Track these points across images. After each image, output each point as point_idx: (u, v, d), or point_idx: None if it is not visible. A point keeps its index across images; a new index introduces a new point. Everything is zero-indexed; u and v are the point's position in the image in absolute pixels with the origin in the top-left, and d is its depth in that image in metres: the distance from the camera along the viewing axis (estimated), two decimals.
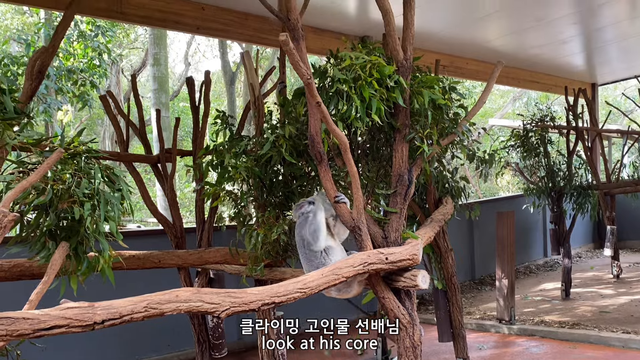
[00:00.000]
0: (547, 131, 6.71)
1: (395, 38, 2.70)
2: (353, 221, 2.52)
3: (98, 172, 2.11)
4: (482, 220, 6.20)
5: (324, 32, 5.43)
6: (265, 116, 3.66)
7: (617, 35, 6.55)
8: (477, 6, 5.31)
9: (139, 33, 16.33)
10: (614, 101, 14.96)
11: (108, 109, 4.22)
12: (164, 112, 9.37)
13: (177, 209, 4.30)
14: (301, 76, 2.20)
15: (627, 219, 9.33)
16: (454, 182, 4.00)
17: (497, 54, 6.79)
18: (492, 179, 6.81)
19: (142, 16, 4.31)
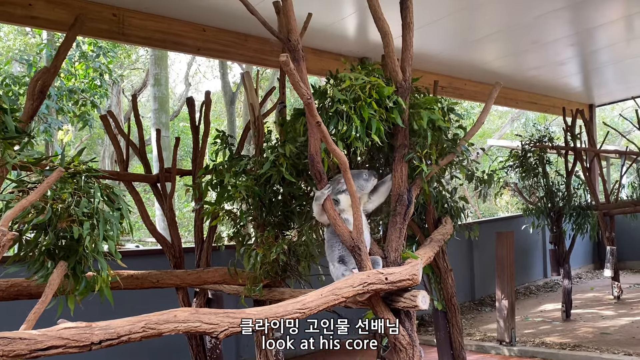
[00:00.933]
0: (545, 151, 6.74)
1: (394, 59, 2.72)
2: (352, 241, 2.52)
3: (98, 191, 2.12)
4: (482, 240, 6.19)
5: (324, 53, 5.49)
6: (265, 136, 3.67)
7: (613, 57, 6.61)
8: (475, 28, 5.38)
9: (140, 54, 16.48)
10: (611, 122, 15.06)
11: (108, 129, 4.24)
12: (164, 132, 9.41)
13: (176, 229, 4.29)
14: (301, 96, 2.21)
15: (626, 239, 9.31)
16: (453, 202, 4.00)
17: (495, 75, 6.85)
18: (491, 199, 6.81)
19: (143, 37, 4.36)
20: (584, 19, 5.14)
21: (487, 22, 5.25)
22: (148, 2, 4.15)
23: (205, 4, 4.26)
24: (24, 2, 3.78)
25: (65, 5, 3.93)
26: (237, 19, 4.51)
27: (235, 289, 3.65)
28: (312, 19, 3.28)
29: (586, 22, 5.26)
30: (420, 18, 3.56)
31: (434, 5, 4.57)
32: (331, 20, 4.72)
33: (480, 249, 7.83)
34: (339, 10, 4.57)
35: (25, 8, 3.79)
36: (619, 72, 7.51)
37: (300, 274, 3.30)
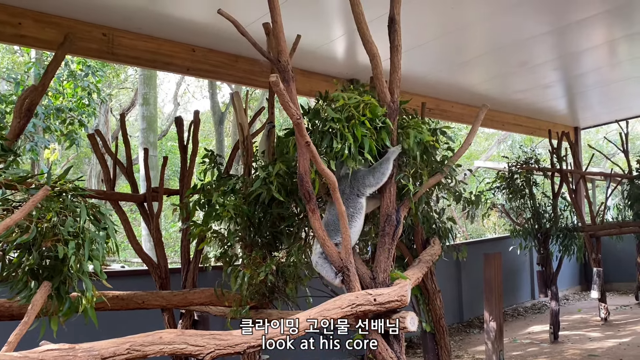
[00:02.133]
0: (532, 173, 6.80)
1: (383, 81, 2.75)
2: (341, 261, 2.51)
3: (84, 211, 2.09)
4: (469, 261, 6.19)
5: (313, 74, 5.53)
6: (254, 155, 3.67)
7: (597, 80, 6.74)
8: (461, 51, 5.46)
9: (129, 73, 16.48)
10: (596, 144, 15.27)
11: (96, 148, 4.22)
12: (152, 151, 9.38)
13: (162, 249, 4.25)
14: (291, 116, 2.22)
15: (612, 261, 9.38)
16: (442, 222, 4.01)
17: (481, 97, 6.94)
18: (479, 220, 6.84)
19: (132, 57, 4.37)
20: (569, 43, 5.25)
21: (473, 46, 5.33)
22: (138, 22, 4.17)
23: (195, 25, 4.28)
24: (13, 21, 3.78)
25: (54, 25, 3.93)
26: (226, 40, 4.54)
27: (221, 311, 3.60)
28: (301, 41, 3.31)
29: (571, 47, 5.36)
30: (407, 41, 3.61)
31: (421, 28, 4.65)
32: (320, 42, 4.77)
33: (468, 270, 7.83)
34: (328, 33, 4.62)
35: (14, 27, 3.79)
36: (604, 96, 7.64)
37: (287, 296, 3.27)
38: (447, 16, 4.47)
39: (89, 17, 4.04)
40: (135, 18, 4.09)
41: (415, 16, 4.25)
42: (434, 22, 4.57)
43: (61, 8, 3.87)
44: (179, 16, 4.12)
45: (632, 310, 8.12)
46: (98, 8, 3.89)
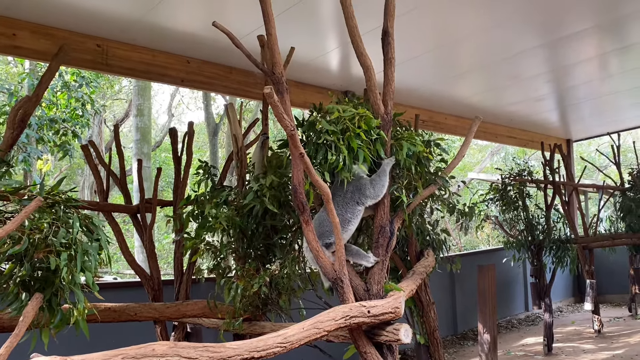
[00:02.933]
0: (525, 185, 6.83)
1: (376, 93, 2.77)
2: (335, 273, 2.50)
3: (76, 222, 2.08)
4: (463, 273, 6.19)
5: (307, 86, 5.55)
6: (248, 167, 3.67)
7: (589, 93, 6.79)
8: (455, 64, 5.50)
9: (123, 84, 16.49)
10: (588, 157, 15.37)
11: (89, 159, 4.20)
12: (146, 163, 9.35)
13: (155, 261, 4.22)
14: (285, 128, 2.23)
15: (605, 273, 9.40)
16: (435, 234, 4.02)
17: (474, 109, 6.98)
18: (473, 232, 6.86)
19: (127, 68, 4.37)
20: (561, 56, 5.30)
21: (467, 59, 5.37)
22: (133, 34, 4.18)
23: (190, 37, 4.30)
24: (7, 32, 3.78)
25: (49, 36, 3.94)
26: (221, 51, 4.56)
27: (214, 323, 3.58)
28: (296, 54, 3.33)
29: (563, 60, 5.42)
30: (401, 54, 3.64)
31: (415, 41, 4.68)
32: (314, 54, 4.79)
33: (462, 282, 7.83)
34: (322, 45, 4.65)
35: (9, 38, 3.79)
36: (595, 109, 7.70)
37: (281, 308, 3.26)
38: (440, 30, 4.51)
39: (83, 29, 4.05)
40: (130, 29, 4.10)
41: (409, 29, 4.29)
42: (427, 35, 4.61)
43: (55, 19, 3.88)
44: (174, 28, 4.14)
45: (626, 322, 8.13)
46: (92, 19, 3.91)
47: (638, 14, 4.31)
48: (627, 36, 4.84)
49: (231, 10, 3.95)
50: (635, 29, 4.70)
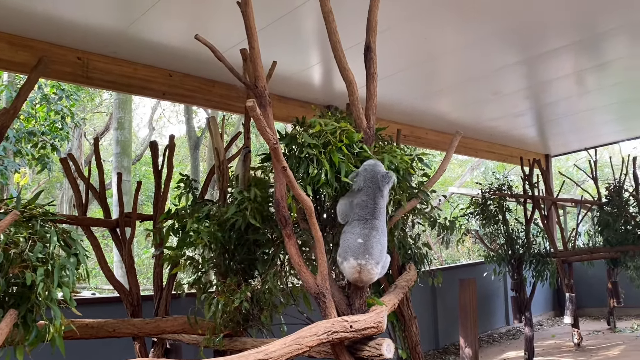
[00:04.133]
0: (504, 200, 6.90)
1: (359, 107, 2.78)
2: (317, 287, 2.49)
3: (54, 236, 2.04)
4: (445, 287, 6.22)
5: (289, 100, 5.57)
6: (230, 181, 3.65)
7: (567, 109, 6.92)
8: (435, 80, 5.57)
9: (103, 97, 16.36)
10: (567, 172, 15.61)
11: (68, 172, 4.14)
12: (126, 176, 9.25)
13: (135, 276, 4.16)
14: (268, 141, 2.22)
15: (584, 286, 9.51)
16: (417, 248, 4.03)
17: (455, 125, 7.05)
18: (454, 246, 6.90)
19: (108, 81, 4.34)
20: (539, 73, 5.39)
21: (446, 75, 5.44)
22: (114, 47, 4.16)
23: (171, 50, 4.29)
24: None
25: (28, 48, 3.89)
26: (203, 64, 4.55)
27: (195, 339, 3.53)
28: (278, 68, 3.34)
29: (541, 77, 5.52)
30: (383, 69, 3.67)
31: (397, 57, 4.73)
32: (297, 69, 4.81)
33: (444, 296, 7.85)
34: (305, 60, 4.67)
35: None
36: (573, 125, 7.84)
37: (262, 324, 3.22)
38: (421, 46, 4.57)
39: (63, 41, 4.02)
40: (112, 42, 4.07)
41: (390, 45, 4.33)
42: (408, 51, 4.66)
43: (35, 31, 3.84)
44: (156, 41, 4.12)
45: (605, 335, 8.22)
46: (73, 32, 3.87)
47: (613, 32, 4.42)
48: (603, 54, 4.95)
49: (214, 24, 3.96)
50: (611, 47, 4.81)
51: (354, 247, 2.44)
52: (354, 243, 2.45)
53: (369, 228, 2.47)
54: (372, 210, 2.49)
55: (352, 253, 2.44)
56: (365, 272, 2.46)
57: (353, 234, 2.47)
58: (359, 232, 2.46)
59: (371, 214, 2.48)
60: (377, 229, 2.48)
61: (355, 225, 2.48)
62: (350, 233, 2.48)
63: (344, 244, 2.48)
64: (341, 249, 2.49)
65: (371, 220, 2.48)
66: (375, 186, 2.50)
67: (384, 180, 2.51)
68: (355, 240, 2.45)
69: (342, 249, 2.49)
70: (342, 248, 2.49)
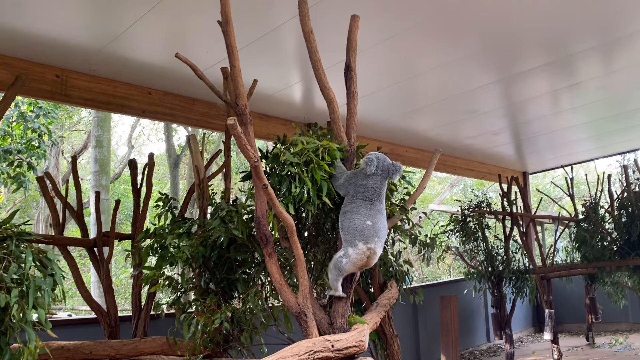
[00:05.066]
0: (484, 216, 6.97)
1: (340, 125, 2.80)
2: (298, 307, 2.47)
3: (29, 256, 2.00)
4: (426, 304, 6.22)
5: (271, 118, 5.58)
6: (210, 198, 3.63)
7: (543, 128, 7.04)
8: (414, 99, 5.63)
9: (82, 115, 16.20)
10: (544, 189, 15.85)
11: (45, 191, 4.08)
12: (104, 195, 9.14)
13: (112, 296, 4.09)
14: (249, 159, 2.22)
15: (563, 302, 9.60)
16: (398, 265, 4.03)
17: (434, 142, 7.13)
18: (434, 263, 6.93)
19: (87, 99, 4.30)
20: (515, 92, 5.50)
21: (425, 94, 5.51)
22: (93, 65, 4.13)
23: (152, 68, 4.28)
24: None
25: (5, 65, 3.85)
26: (184, 83, 4.55)
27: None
28: (259, 86, 3.36)
29: (517, 95, 5.62)
30: (363, 87, 3.72)
31: (376, 76, 4.79)
32: (278, 87, 4.83)
33: (425, 313, 7.85)
34: (286, 78, 4.69)
35: None
36: (549, 142, 7.98)
37: (242, 344, 3.18)
38: (400, 66, 4.63)
39: (42, 59, 3.98)
40: (91, 60, 4.05)
41: (370, 64, 4.38)
42: (388, 70, 4.72)
43: (13, 48, 3.80)
44: (136, 59, 4.11)
45: (584, 351, 8.28)
46: (52, 50, 3.84)
47: (585, 53, 4.54)
48: (576, 74, 5.07)
49: (194, 42, 3.96)
50: (583, 68, 4.93)
51: (364, 230, 2.46)
52: (362, 225, 2.46)
53: (376, 210, 2.52)
54: (378, 194, 2.56)
55: (361, 237, 2.45)
56: (374, 256, 2.50)
57: (360, 215, 2.48)
58: (366, 214, 2.49)
59: (377, 196, 2.55)
60: (382, 212, 2.56)
61: (360, 205, 2.51)
62: (356, 213, 2.49)
63: (351, 226, 2.48)
64: (347, 233, 2.49)
65: (377, 202, 2.54)
66: (385, 174, 2.59)
67: (393, 169, 2.62)
68: (365, 222, 2.47)
69: (348, 232, 2.48)
70: (348, 232, 2.48)
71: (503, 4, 3.64)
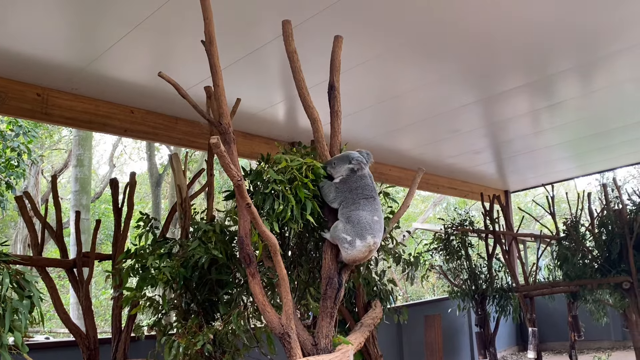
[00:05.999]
0: (467, 235, 7.00)
1: (324, 144, 2.81)
2: (282, 327, 2.44)
3: (6, 278, 1.95)
4: (410, 323, 6.19)
5: (254, 137, 5.57)
6: (192, 219, 3.60)
7: (524, 147, 7.14)
8: (397, 118, 5.68)
9: (63, 134, 16.04)
10: (525, 207, 16.01)
11: (23, 210, 4.00)
12: (84, 214, 9.01)
13: (92, 318, 4.00)
14: (232, 178, 2.21)
15: (547, 320, 9.63)
16: (382, 284, 4.02)
17: (417, 161, 7.18)
18: (418, 282, 6.92)
19: (68, 118, 4.26)
20: (496, 112, 5.58)
21: (407, 114, 5.56)
22: (75, 83, 4.10)
23: (135, 87, 4.26)
24: None
25: None
26: (167, 102, 4.53)
27: None
28: (243, 105, 3.35)
29: (498, 115, 5.70)
30: (347, 107, 3.74)
31: (359, 96, 4.82)
32: (262, 106, 4.84)
33: (410, 333, 7.80)
34: (270, 97, 4.71)
35: None
36: (531, 161, 8.08)
37: None
38: (384, 85, 4.67)
39: (22, 77, 3.94)
40: (72, 79, 4.02)
41: (354, 84, 4.42)
42: (370, 90, 4.76)
43: None
44: (119, 78, 4.09)
45: None
46: (33, 68, 3.81)
47: (563, 74, 4.63)
48: (556, 94, 5.17)
49: (178, 61, 3.96)
50: (562, 88, 5.03)
51: (372, 225, 2.54)
52: (370, 220, 2.54)
53: (377, 205, 2.62)
54: (373, 189, 2.64)
55: (370, 231, 2.52)
56: (375, 249, 2.58)
57: (367, 212, 2.55)
58: (372, 209, 2.57)
59: (374, 192, 2.64)
60: (379, 206, 2.65)
61: (364, 203, 2.58)
62: (363, 211, 2.56)
63: (361, 222, 2.53)
64: (356, 227, 2.53)
65: (376, 197, 2.63)
66: (367, 168, 2.68)
67: (368, 159, 2.71)
68: (372, 218, 2.55)
69: (357, 227, 2.53)
70: (357, 226, 2.53)
71: (482, 26, 3.71)
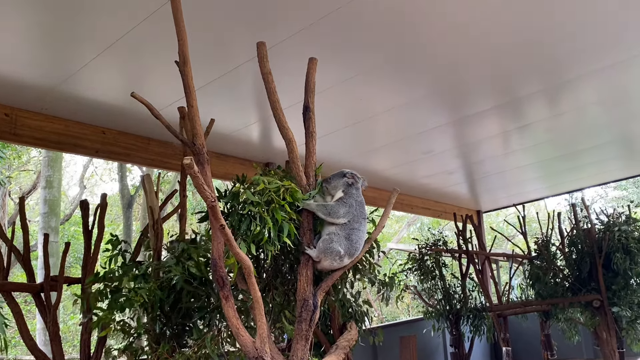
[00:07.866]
0: (441, 255, 7.04)
1: (299, 165, 2.81)
2: (256, 351, 2.40)
3: None
4: (386, 344, 6.16)
5: (228, 157, 5.54)
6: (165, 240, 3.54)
7: (495, 167, 7.26)
8: (371, 139, 5.73)
9: (32, 155, 15.70)
10: (497, 227, 16.22)
11: None
12: (53, 237, 8.79)
13: (59, 344, 3.87)
14: (205, 199, 2.18)
15: (520, 339, 9.68)
16: (358, 306, 4.00)
17: (391, 182, 7.23)
18: (393, 302, 6.91)
19: (38, 138, 4.17)
20: (468, 133, 5.67)
21: (381, 134, 5.61)
22: (45, 103, 4.03)
23: (106, 107, 4.20)
24: None
25: None
26: (139, 122, 4.48)
27: None
28: (217, 125, 3.34)
29: (469, 136, 5.79)
30: (322, 127, 3.75)
31: (334, 117, 4.85)
32: (236, 127, 4.83)
33: (385, 354, 7.77)
34: (244, 118, 4.70)
35: None
36: (502, 181, 8.20)
37: None
38: (357, 107, 4.71)
39: None
40: (42, 99, 3.95)
41: (328, 105, 4.44)
42: (345, 111, 4.80)
43: None
44: (90, 98, 4.04)
45: None
46: (1, 87, 3.74)
47: (530, 97, 4.74)
48: (525, 116, 5.28)
49: (151, 82, 3.93)
50: (530, 110, 5.14)
51: (361, 245, 2.78)
52: (361, 238, 2.78)
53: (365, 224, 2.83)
54: (364, 207, 2.84)
55: (358, 251, 2.77)
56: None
57: (362, 232, 2.78)
58: (364, 229, 2.80)
59: (365, 210, 2.84)
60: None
61: (362, 222, 2.79)
62: (359, 230, 2.76)
63: (358, 242, 2.74)
64: (352, 245, 2.71)
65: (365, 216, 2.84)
66: (359, 183, 2.93)
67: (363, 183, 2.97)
68: (363, 237, 2.80)
69: (353, 246, 2.72)
70: (353, 245, 2.72)
71: (451, 51, 3.79)
